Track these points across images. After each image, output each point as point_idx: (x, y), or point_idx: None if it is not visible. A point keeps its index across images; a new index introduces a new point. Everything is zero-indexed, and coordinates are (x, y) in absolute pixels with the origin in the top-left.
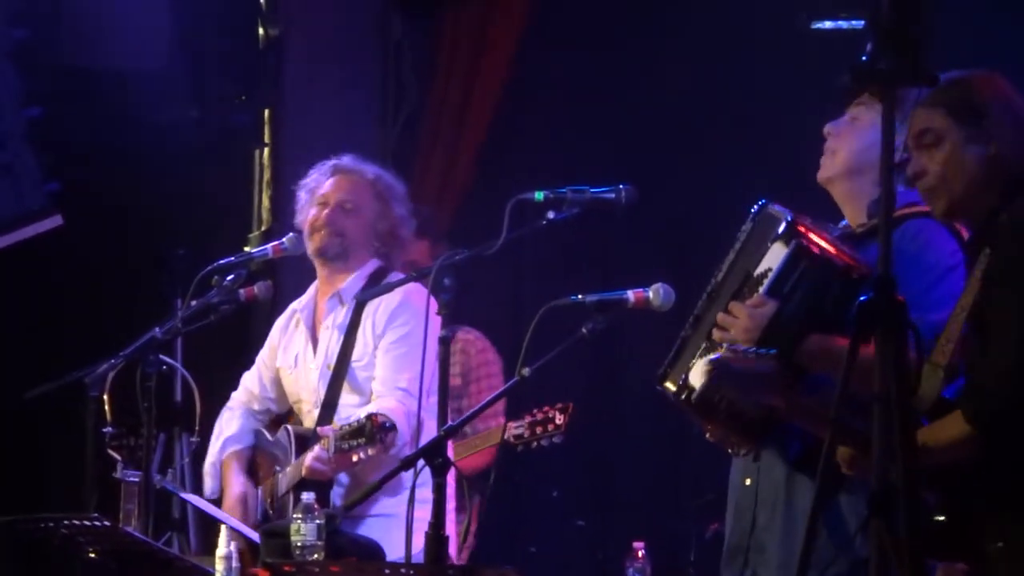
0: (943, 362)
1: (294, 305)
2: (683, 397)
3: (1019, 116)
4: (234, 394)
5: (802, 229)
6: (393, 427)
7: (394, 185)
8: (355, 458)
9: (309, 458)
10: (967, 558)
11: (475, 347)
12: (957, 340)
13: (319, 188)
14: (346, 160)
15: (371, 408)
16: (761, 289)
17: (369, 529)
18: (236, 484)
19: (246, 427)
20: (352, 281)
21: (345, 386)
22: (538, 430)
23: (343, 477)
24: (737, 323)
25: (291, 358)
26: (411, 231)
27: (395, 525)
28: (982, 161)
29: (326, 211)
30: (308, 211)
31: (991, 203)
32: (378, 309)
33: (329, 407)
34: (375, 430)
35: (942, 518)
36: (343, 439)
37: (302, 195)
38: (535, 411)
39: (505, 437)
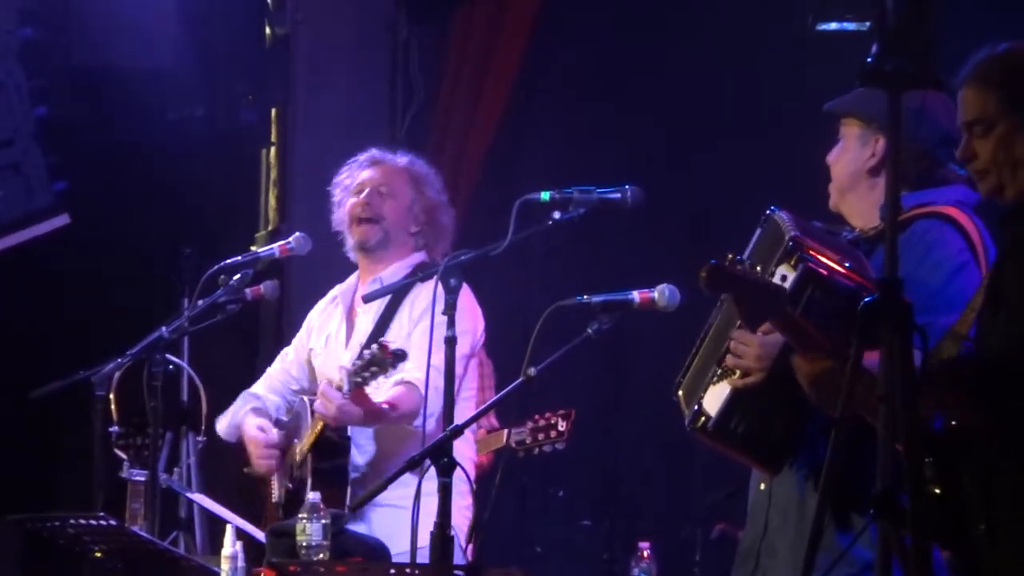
0: (965, 332)
1: (335, 290)
2: (698, 425)
3: None
4: (268, 370)
5: (808, 250)
6: (404, 355)
7: (428, 171)
8: (369, 390)
9: (317, 402)
10: (954, 540)
11: None
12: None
13: (354, 180)
14: (376, 151)
15: (400, 376)
16: None
17: (380, 520)
18: (253, 424)
19: (261, 396)
20: (396, 269)
21: None
22: (540, 436)
23: (364, 449)
24: (749, 352)
25: (323, 339)
26: (450, 218)
27: (404, 518)
28: None
29: (363, 195)
30: (346, 204)
31: None
32: (419, 296)
33: None
34: (387, 357)
35: (937, 490)
36: (356, 373)
37: (337, 192)
38: (537, 417)
39: (507, 443)
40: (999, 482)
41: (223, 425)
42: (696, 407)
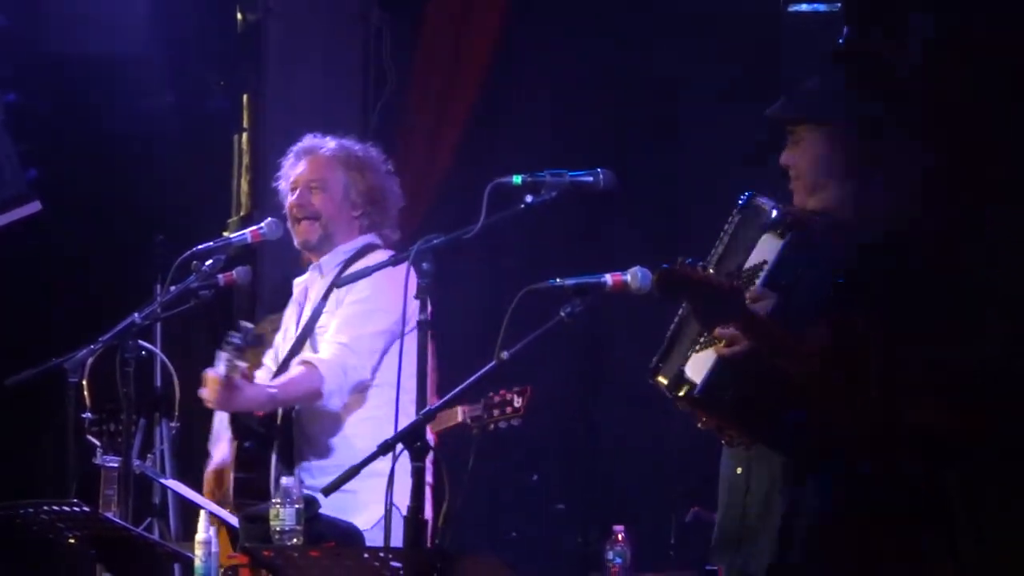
0: None
1: (295, 283)
2: (681, 393)
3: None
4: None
5: (793, 217)
6: (261, 339)
7: (361, 151)
8: (234, 373)
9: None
10: (937, 530)
11: None
12: None
13: (290, 175)
14: (307, 140)
15: (302, 356)
16: (758, 282)
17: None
18: (216, 456)
19: None
20: (334, 253)
21: (306, 348)
22: (495, 412)
23: (308, 435)
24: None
25: (283, 331)
26: (395, 191)
27: (351, 502)
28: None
29: (296, 195)
30: (287, 200)
31: None
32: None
33: (285, 368)
34: (248, 338)
35: (915, 477)
36: (226, 359)
37: (281, 183)
38: (491, 394)
39: (462, 420)
40: (980, 480)
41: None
42: (677, 375)
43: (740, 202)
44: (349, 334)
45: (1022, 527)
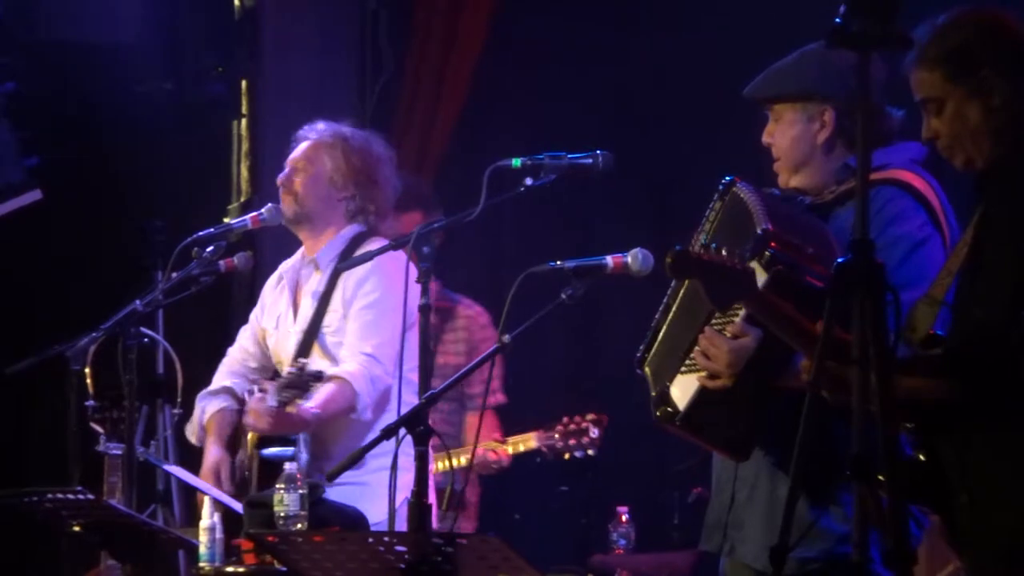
0: (940, 296)
1: (283, 266)
2: (664, 416)
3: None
4: (229, 350)
5: (777, 245)
6: (321, 376)
7: (351, 134)
8: (291, 410)
9: (247, 416)
10: (940, 505)
11: (477, 323)
12: (955, 276)
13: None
14: (306, 127)
15: (331, 371)
16: (740, 316)
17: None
18: (210, 453)
19: (226, 385)
20: (328, 247)
21: (316, 351)
22: (571, 441)
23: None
24: (719, 356)
25: (273, 320)
26: (389, 181)
27: (361, 494)
28: (985, 113)
29: (283, 173)
30: None
31: (1001, 152)
32: (350, 276)
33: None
34: (306, 379)
35: (922, 457)
36: (280, 391)
37: None
38: (567, 420)
39: (537, 446)
40: (974, 453)
41: (190, 433)
42: (662, 394)
43: (720, 187)
44: (372, 343)
45: (1018, 503)
